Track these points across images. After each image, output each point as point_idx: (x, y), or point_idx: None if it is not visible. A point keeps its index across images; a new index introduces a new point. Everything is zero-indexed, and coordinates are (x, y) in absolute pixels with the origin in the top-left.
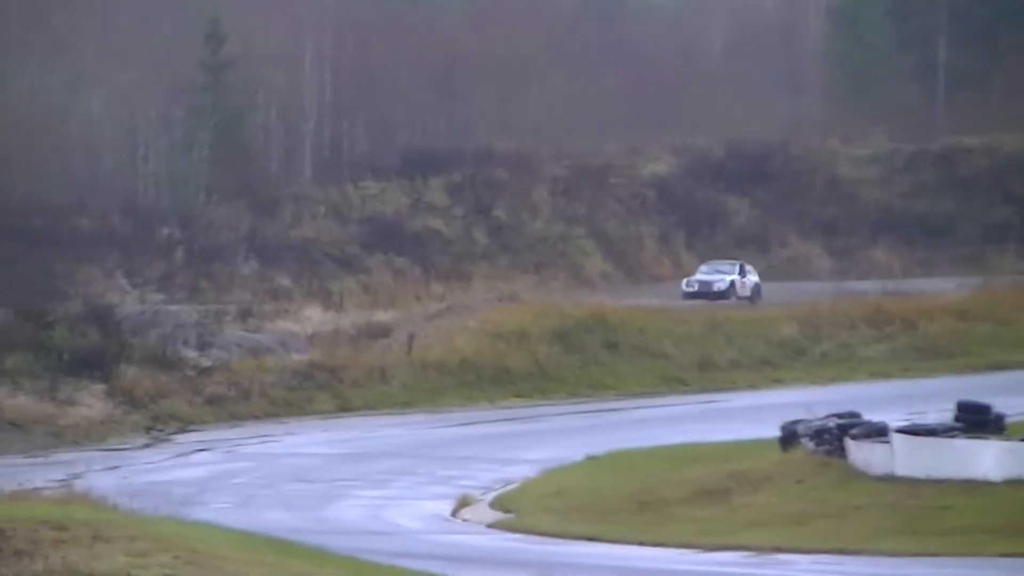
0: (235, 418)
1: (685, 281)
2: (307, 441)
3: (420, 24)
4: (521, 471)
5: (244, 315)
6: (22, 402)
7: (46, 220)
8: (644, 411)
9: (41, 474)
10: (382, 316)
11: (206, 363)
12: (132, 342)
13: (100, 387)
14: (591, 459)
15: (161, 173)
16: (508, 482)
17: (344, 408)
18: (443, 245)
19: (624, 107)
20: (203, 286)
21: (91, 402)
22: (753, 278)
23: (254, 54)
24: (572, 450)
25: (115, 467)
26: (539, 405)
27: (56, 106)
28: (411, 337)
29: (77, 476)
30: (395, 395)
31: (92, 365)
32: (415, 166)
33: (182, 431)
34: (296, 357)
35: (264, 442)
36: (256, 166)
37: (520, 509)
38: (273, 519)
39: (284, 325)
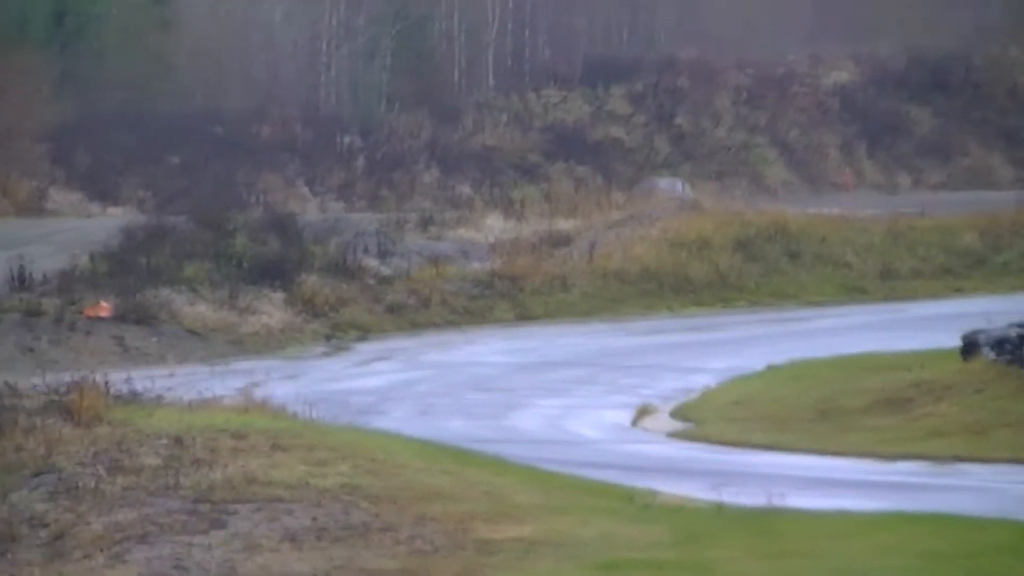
0: (415, 327)
1: None
2: (487, 350)
3: None
4: (702, 380)
5: (425, 224)
6: (202, 310)
7: (227, 128)
8: (825, 320)
9: (220, 383)
10: (563, 225)
11: (386, 272)
12: (313, 250)
13: (280, 295)
14: (772, 368)
15: (343, 81)
16: (689, 391)
17: (524, 317)
18: (624, 153)
19: (806, 16)
20: (384, 194)
21: (271, 310)
22: None
23: None
24: (753, 360)
25: (294, 376)
26: (719, 314)
27: (238, 14)
28: (592, 246)
29: (256, 385)
30: (575, 304)
31: (272, 274)
32: (597, 74)
33: (361, 340)
34: (476, 266)
35: (444, 351)
36: (438, 74)
37: (700, 418)
38: (453, 428)
39: (464, 234)
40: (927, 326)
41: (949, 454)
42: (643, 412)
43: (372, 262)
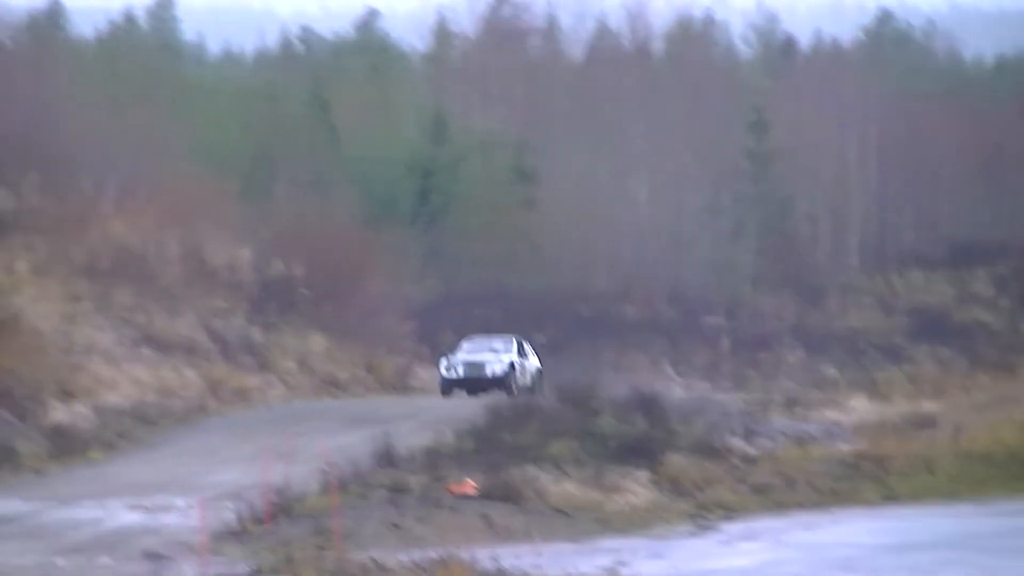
0: (780, 506)
1: (444, 363)
2: (852, 531)
3: (965, 113)
4: None
5: (790, 404)
6: (568, 488)
7: (593, 307)
8: None
9: (587, 560)
10: (928, 406)
11: (752, 452)
12: (678, 430)
13: (645, 474)
14: None
15: (706, 261)
16: None
17: (889, 498)
18: (989, 336)
19: None
20: (748, 374)
21: (636, 489)
22: (534, 361)
23: (798, 143)
24: None
25: (660, 555)
26: None
27: (602, 193)
28: (958, 428)
29: (623, 563)
30: (940, 485)
31: (638, 452)
32: (960, 257)
33: (727, 519)
34: (841, 446)
35: (810, 531)
36: (802, 255)
37: None
38: None
39: (829, 414)
40: None
41: None
42: None
43: (738, 442)
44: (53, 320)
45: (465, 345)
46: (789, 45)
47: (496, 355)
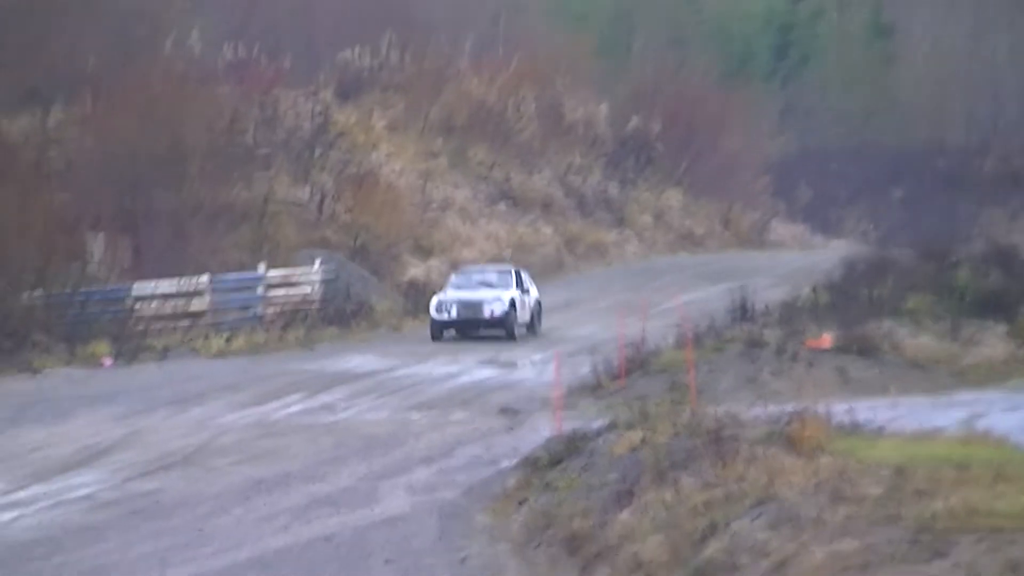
0: None
1: (436, 302)
2: None
3: None
4: None
5: None
6: (924, 342)
7: (949, 162)
8: None
9: (942, 414)
10: None
11: None
12: None
13: (1002, 328)
14: None
15: None
16: None
17: None
18: None
19: None
20: None
21: (993, 343)
22: (534, 292)
23: None
24: None
25: (1015, 408)
26: None
27: (961, 48)
28: None
29: (978, 416)
30: None
31: (995, 307)
32: None
33: None
34: None
35: None
36: None
37: None
38: None
39: None
40: None
41: None
42: None
43: None
44: (410, 177)
45: (455, 279)
46: None
47: (494, 292)
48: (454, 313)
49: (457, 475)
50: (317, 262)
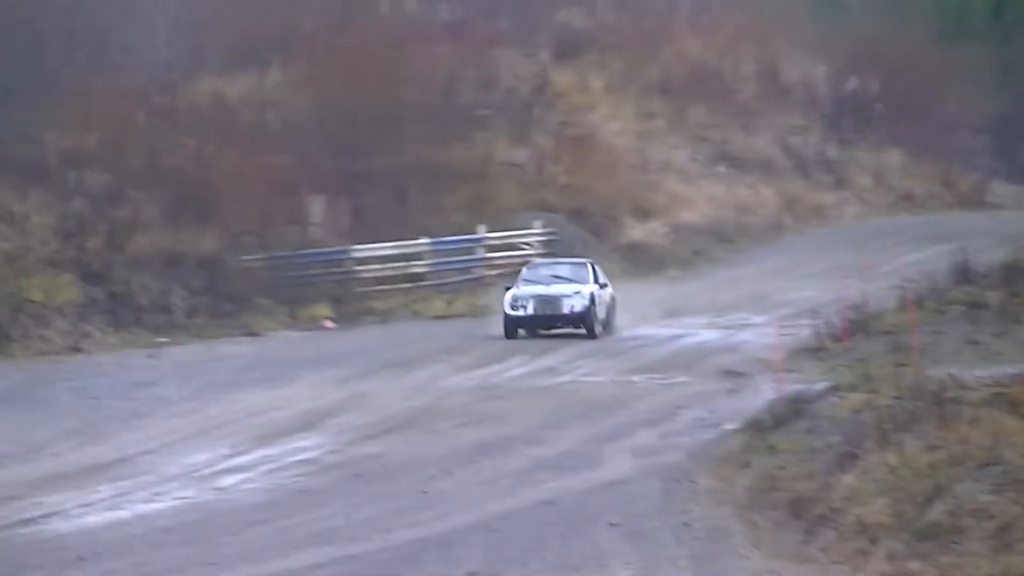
0: None
1: (511, 298)
2: None
3: None
4: None
5: None
6: None
7: None
8: None
9: None
10: None
11: None
12: None
13: None
14: None
15: None
16: None
17: None
18: None
19: None
20: None
21: None
22: (610, 288)
23: None
24: None
25: None
26: None
27: None
28: None
29: None
30: None
31: None
32: None
33: None
34: None
35: None
36: None
37: None
38: None
39: None
40: None
41: None
42: None
43: None
44: (627, 138)
45: (527, 273)
46: None
47: (573, 286)
48: (531, 309)
49: (680, 438)
50: (537, 224)
